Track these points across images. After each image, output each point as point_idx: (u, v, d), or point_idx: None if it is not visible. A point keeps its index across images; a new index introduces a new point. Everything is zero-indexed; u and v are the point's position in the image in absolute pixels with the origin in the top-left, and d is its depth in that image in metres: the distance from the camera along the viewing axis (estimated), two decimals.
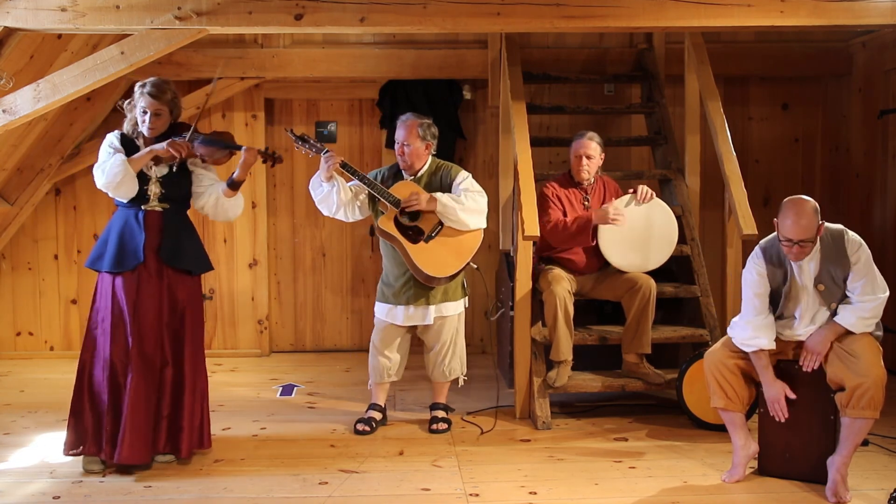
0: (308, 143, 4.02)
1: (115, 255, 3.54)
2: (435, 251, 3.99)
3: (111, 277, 3.55)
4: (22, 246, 5.84)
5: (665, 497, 3.33)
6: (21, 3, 3.84)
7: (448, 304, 4.12)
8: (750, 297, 3.45)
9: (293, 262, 6.07)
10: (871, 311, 3.29)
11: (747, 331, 3.43)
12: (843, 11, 4.02)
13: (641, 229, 4.41)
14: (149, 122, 3.58)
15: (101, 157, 3.57)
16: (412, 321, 4.11)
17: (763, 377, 3.42)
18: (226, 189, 3.74)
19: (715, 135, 4.62)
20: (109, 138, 3.62)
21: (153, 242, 3.58)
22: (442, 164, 4.20)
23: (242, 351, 5.93)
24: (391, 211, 3.99)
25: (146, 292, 3.56)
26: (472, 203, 4.01)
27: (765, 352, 3.40)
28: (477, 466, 3.68)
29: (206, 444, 3.73)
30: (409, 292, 4.06)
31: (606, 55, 5.73)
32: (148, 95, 3.56)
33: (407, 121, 4.11)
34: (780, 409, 3.39)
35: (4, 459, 3.79)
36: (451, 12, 3.95)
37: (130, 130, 3.67)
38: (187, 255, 3.67)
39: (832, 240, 3.34)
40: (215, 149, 3.71)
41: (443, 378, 4.23)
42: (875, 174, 5.53)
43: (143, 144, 3.64)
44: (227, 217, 3.83)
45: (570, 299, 4.27)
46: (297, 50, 5.65)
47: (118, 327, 3.52)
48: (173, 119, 3.69)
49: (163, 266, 3.60)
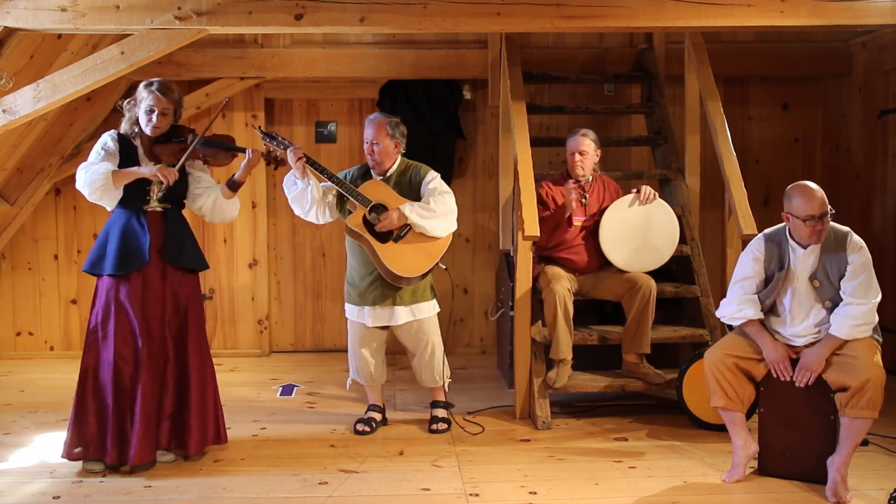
0: (276, 141, 3.96)
1: (119, 258, 3.52)
2: (404, 251, 3.94)
3: (114, 280, 3.54)
4: (22, 246, 5.83)
5: (665, 497, 3.33)
6: (21, 3, 3.84)
7: (421, 305, 4.08)
8: (737, 279, 3.53)
9: (293, 262, 6.07)
10: (864, 317, 3.28)
11: (732, 305, 3.51)
12: (843, 11, 4.03)
13: (642, 229, 4.41)
14: (156, 120, 3.57)
15: (91, 157, 3.55)
16: (380, 321, 4.05)
17: (761, 341, 3.45)
18: (225, 190, 3.75)
19: (715, 135, 4.62)
20: (104, 139, 3.60)
21: (157, 243, 3.58)
22: (411, 164, 4.15)
23: (242, 351, 5.94)
24: (360, 210, 3.94)
25: (151, 293, 3.56)
26: (443, 207, 3.96)
27: (754, 321, 3.46)
28: (477, 466, 3.68)
29: (222, 440, 3.76)
30: (375, 292, 4.01)
31: (606, 55, 5.73)
32: (157, 93, 3.55)
33: (375, 119, 4.08)
34: (784, 369, 3.39)
35: (4, 459, 3.79)
36: (451, 12, 3.95)
37: (128, 130, 3.66)
38: (189, 254, 3.69)
39: (835, 238, 3.35)
40: (218, 150, 3.72)
41: (434, 383, 4.20)
42: (875, 174, 5.53)
43: (140, 144, 3.64)
44: (224, 219, 3.84)
45: (570, 298, 4.27)
46: (297, 50, 5.65)
47: (125, 330, 3.52)
48: (175, 120, 3.69)
49: (165, 266, 3.60)
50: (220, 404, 3.78)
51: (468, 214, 5.93)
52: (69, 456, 3.56)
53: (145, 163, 3.61)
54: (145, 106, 3.57)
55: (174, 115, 3.66)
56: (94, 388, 3.54)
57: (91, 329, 3.57)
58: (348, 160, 5.92)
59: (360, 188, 3.99)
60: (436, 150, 5.73)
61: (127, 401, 3.52)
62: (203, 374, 3.67)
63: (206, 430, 3.68)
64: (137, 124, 3.64)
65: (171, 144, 3.65)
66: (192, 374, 3.63)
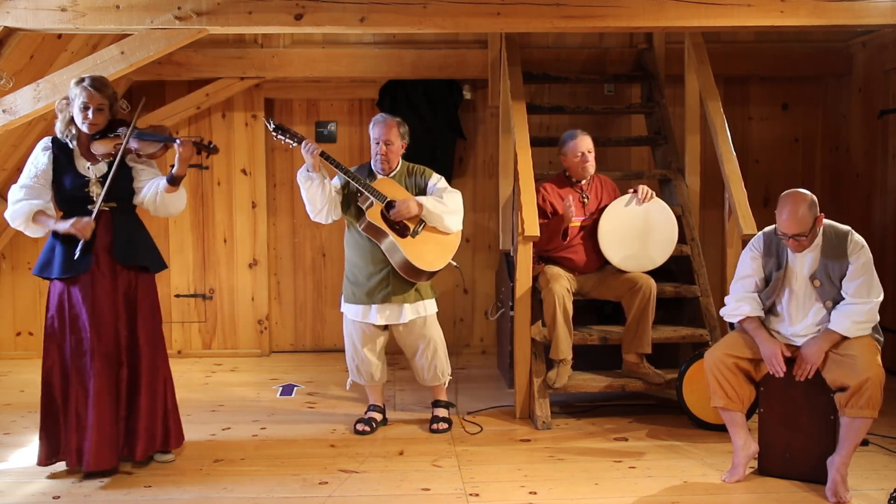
0: (288, 133, 3.96)
1: (65, 262, 3.43)
2: (423, 246, 3.98)
3: (63, 284, 3.46)
4: (22, 246, 5.83)
5: (665, 497, 3.33)
6: (21, 3, 3.84)
7: (425, 303, 4.10)
8: (740, 276, 3.55)
9: (293, 262, 6.06)
10: (866, 315, 3.28)
11: (731, 303, 3.54)
12: (843, 11, 4.03)
13: (641, 229, 4.41)
14: (91, 116, 3.44)
15: (24, 175, 3.47)
16: (389, 320, 4.06)
17: (757, 337, 3.46)
18: (165, 185, 3.55)
19: (715, 135, 4.62)
20: (37, 152, 3.49)
21: (104, 242, 3.48)
22: (414, 167, 4.18)
23: (242, 351, 5.94)
24: (377, 206, 3.95)
25: (101, 294, 3.46)
26: (454, 203, 4.03)
27: (751, 317, 3.48)
28: (477, 466, 3.68)
29: (172, 444, 3.68)
30: (384, 290, 4.00)
31: (606, 55, 5.73)
32: (91, 89, 3.43)
33: (386, 119, 4.09)
34: (778, 363, 3.39)
35: (4, 459, 3.79)
36: (451, 12, 3.95)
37: (63, 130, 3.50)
38: (141, 253, 3.58)
39: (835, 238, 3.35)
40: (148, 142, 3.54)
41: (436, 381, 4.21)
42: (875, 174, 5.53)
43: (77, 145, 3.51)
44: (169, 213, 3.66)
45: (569, 298, 4.27)
46: (297, 50, 5.65)
47: (76, 333, 3.45)
48: (112, 115, 3.56)
49: (116, 265, 3.50)
50: (174, 408, 3.69)
51: (468, 214, 5.85)
52: (40, 462, 3.50)
53: (81, 164, 3.50)
54: (79, 103, 3.44)
55: (110, 109, 3.53)
56: (54, 392, 3.47)
57: (46, 334, 3.49)
58: (348, 160, 5.91)
59: (373, 184, 4.01)
60: (436, 150, 5.73)
61: (83, 405, 3.45)
62: (154, 376, 3.58)
63: (155, 434, 3.59)
64: (73, 124, 3.50)
65: (106, 139, 3.51)
66: (142, 376, 3.54)
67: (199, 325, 5.92)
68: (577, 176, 4.49)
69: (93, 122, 3.47)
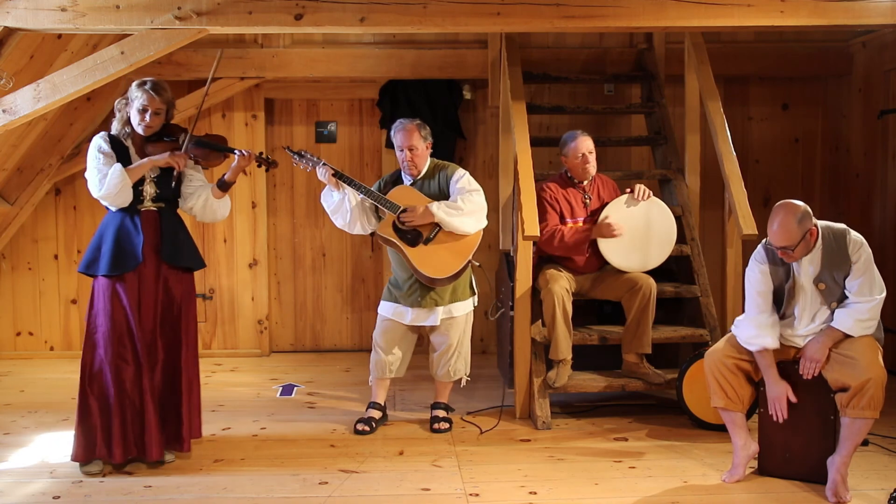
0: (305, 159, 4.06)
1: (113, 258, 3.52)
2: (433, 253, 4.00)
3: (110, 280, 3.53)
4: (22, 246, 5.83)
5: (665, 497, 3.33)
6: (21, 3, 3.83)
7: (457, 305, 4.13)
8: (753, 295, 3.45)
9: (293, 262, 6.07)
10: (869, 313, 3.28)
11: (751, 329, 3.42)
12: (843, 11, 4.02)
13: (640, 229, 4.41)
14: (148, 119, 3.56)
15: (93, 163, 3.53)
16: (419, 321, 4.11)
17: (766, 376, 3.42)
18: (215, 190, 3.74)
19: (715, 135, 4.62)
20: (97, 142, 3.57)
21: (152, 242, 3.58)
22: (439, 164, 4.21)
23: (242, 351, 5.94)
24: (389, 217, 4.01)
25: (146, 292, 3.57)
26: (471, 205, 4.01)
27: (769, 351, 3.40)
28: (477, 466, 3.68)
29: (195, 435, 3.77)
30: (415, 294, 4.07)
31: (606, 55, 5.73)
32: (151, 92, 3.54)
33: (406, 125, 4.11)
34: (780, 408, 3.38)
35: (4, 459, 3.79)
36: (451, 12, 3.95)
37: (119, 130, 3.63)
38: (185, 253, 3.69)
39: (834, 239, 3.34)
40: (210, 151, 3.72)
41: (447, 378, 4.23)
42: (875, 174, 5.53)
43: (132, 145, 3.62)
44: (215, 218, 3.83)
45: (569, 298, 4.27)
46: (297, 50, 5.65)
47: (121, 330, 3.52)
48: (167, 120, 3.68)
49: (161, 264, 3.60)
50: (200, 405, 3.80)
51: None
52: (76, 457, 3.55)
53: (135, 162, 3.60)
54: (138, 105, 3.55)
55: (166, 114, 3.65)
56: (95, 389, 3.54)
57: (89, 330, 3.57)
58: (348, 160, 5.92)
59: (388, 195, 4.03)
60: (436, 150, 5.70)
61: (127, 400, 3.53)
62: (190, 374, 3.67)
63: (193, 429, 3.70)
64: (129, 124, 3.62)
65: (162, 143, 3.64)
66: (183, 373, 3.63)
67: (199, 325, 5.91)
68: (579, 177, 4.49)
69: (149, 124, 3.58)
